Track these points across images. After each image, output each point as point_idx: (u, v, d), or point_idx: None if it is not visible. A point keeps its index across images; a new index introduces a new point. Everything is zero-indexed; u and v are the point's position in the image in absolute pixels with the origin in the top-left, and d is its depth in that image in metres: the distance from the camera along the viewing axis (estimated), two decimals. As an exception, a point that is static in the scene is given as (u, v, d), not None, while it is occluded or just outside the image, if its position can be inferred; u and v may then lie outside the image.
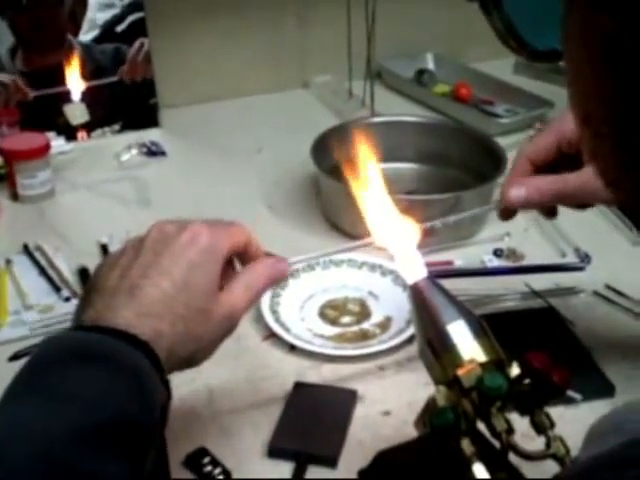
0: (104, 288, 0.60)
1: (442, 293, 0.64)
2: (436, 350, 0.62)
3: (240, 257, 0.66)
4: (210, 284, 0.62)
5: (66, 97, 1.32)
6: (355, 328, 0.90)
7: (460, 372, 0.59)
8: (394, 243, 0.68)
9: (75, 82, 1.32)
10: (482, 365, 0.59)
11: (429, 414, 0.62)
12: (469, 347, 0.60)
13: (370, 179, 0.71)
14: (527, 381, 0.59)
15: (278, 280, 0.68)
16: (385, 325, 0.90)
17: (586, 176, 0.70)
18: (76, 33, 1.34)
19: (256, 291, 0.65)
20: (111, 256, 0.65)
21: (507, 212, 0.76)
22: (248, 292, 0.64)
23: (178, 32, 1.42)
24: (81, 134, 1.34)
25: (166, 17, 1.39)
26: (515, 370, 0.59)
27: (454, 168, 1.16)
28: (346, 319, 0.91)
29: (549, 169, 0.74)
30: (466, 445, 0.57)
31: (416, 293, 0.64)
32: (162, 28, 1.39)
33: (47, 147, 1.16)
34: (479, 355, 0.60)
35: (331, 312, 0.92)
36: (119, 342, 0.56)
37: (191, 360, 0.62)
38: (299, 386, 0.81)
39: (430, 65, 1.56)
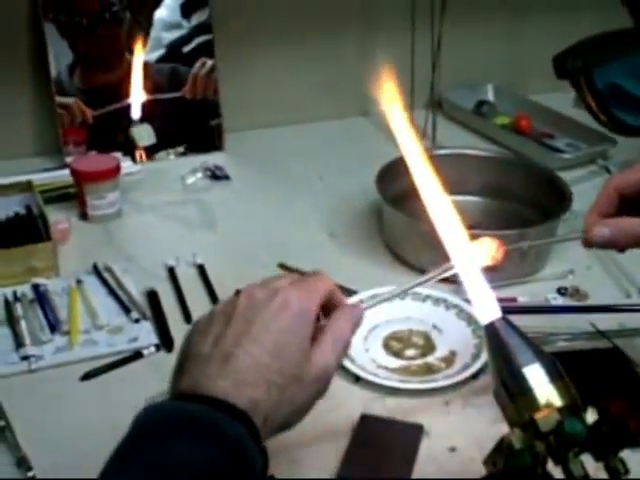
0: (198, 355, 0.61)
1: (518, 334, 0.64)
2: (511, 392, 0.62)
3: (325, 310, 0.67)
4: (302, 350, 0.62)
5: (127, 116, 1.34)
6: (420, 361, 0.91)
7: (537, 416, 0.59)
8: (470, 275, 0.67)
9: (136, 99, 1.34)
10: (559, 410, 0.60)
11: (502, 454, 0.62)
12: (545, 390, 0.61)
13: (440, 210, 0.71)
14: (604, 428, 0.59)
15: (358, 327, 0.68)
16: (450, 360, 0.90)
17: None
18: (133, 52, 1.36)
19: (343, 345, 0.65)
20: (201, 322, 0.65)
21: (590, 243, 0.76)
22: (336, 348, 0.64)
23: (244, 57, 1.45)
24: (142, 155, 1.37)
25: (233, 41, 1.42)
26: (593, 416, 0.59)
27: (517, 202, 1.17)
28: (410, 352, 0.92)
29: (635, 206, 0.74)
30: (542, 489, 0.58)
31: (491, 334, 0.65)
32: (229, 52, 1.42)
33: (117, 169, 1.19)
34: (555, 399, 0.60)
35: (395, 344, 0.93)
36: (219, 413, 0.56)
37: (285, 424, 0.63)
38: (366, 419, 0.81)
39: (490, 96, 1.57)
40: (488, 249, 0.67)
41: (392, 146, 1.44)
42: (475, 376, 0.87)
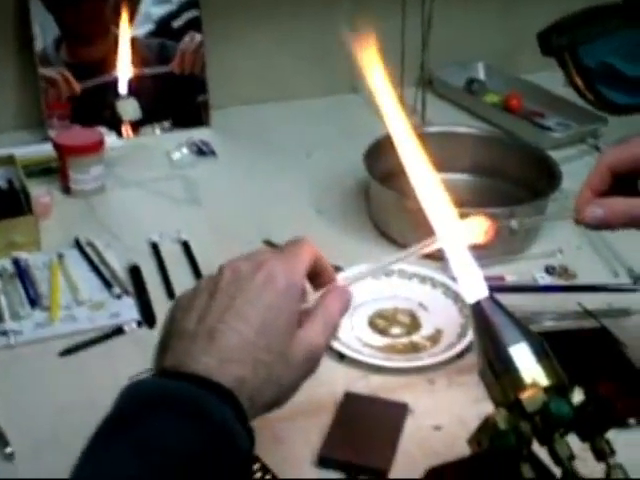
0: (182, 332, 0.59)
1: (504, 313, 0.63)
2: (497, 371, 0.61)
3: (310, 276, 0.65)
4: (289, 326, 0.60)
5: (113, 90, 1.33)
6: (405, 340, 0.90)
7: (523, 396, 0.58)
8: (456, 251, 0.66)
9: (122, 74, 1.32)
10: (545, 389, 0.59)
11: (486, 434, 0.61)
12: (531, 370, 0.60)
13: (427, 187, 0.69)
14: (590, 408, 0.58)
15: (348, 309, 0.66)
16: (435, 338, 0.89)
17: None
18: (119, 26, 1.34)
19: (333, 327, 0.63)
20: (184, 297, 0.62)
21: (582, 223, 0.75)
22: (326, 330, 0.62)
23: (231, 32, 1.43)
24: (127, 129, 1.35)
25: (220, 16, 1.40)
26: (579, 396, 0.58)
27: (507, 181, 1.16)
28: (396, 330, 0.91)
29: (628, 183, 0.73)
30: (526, 470, 0.57)
31: (478, 313, 0.63)
32: (216, 27, 1.39)
33: (101, 143, 1.17)
34: (541, 378, 0.59)
35: (381, 322, 0.92)
36: (202, 391, 0.55)
37: (273, 404, 0.61)
38: (350, 396, 0.80)
39: (481, 74, 1.55)
40: (477, 227, 0.66)
41: (381, 123, 1.43)
42: (460, 355, 0.86)
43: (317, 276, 0.66)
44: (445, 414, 0.80)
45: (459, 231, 0.65)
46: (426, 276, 0.96)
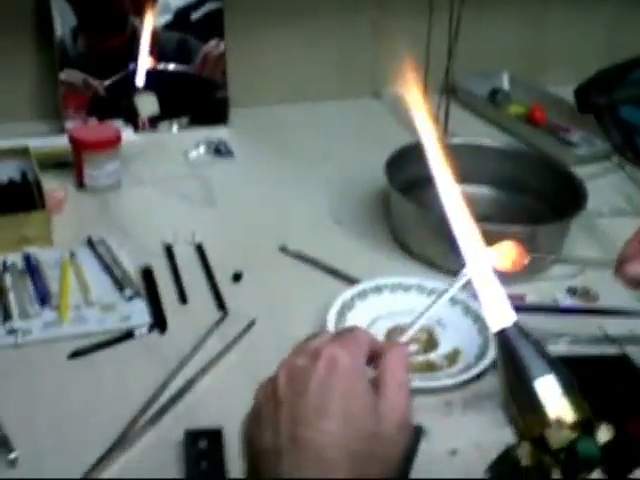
0: (264, 452, 0.55)
1: (531, 343, 0.61)
2: (521, 405, 0.59)
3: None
4: (369, 404, 0.56)
5: (129, 83, 1.29)
6: (421, 358, 0.87)
7: (548, 432, 0.56)
8: (483, 277, 0.64)
9: (141, 67, 1.29)
10: (571, 426, 0.56)
11: (506, 466, 0.59)
12: (557, 405, 0.57)
13: (453, 203, 0.67)
14: (618, 447, 0.56)
15: (409, 364, 0.62)
16: (453, 358, 0.87)
17: None
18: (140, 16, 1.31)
19: (406, 385, 0.59)
20: (250, 416, 0.58)
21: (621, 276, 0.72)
22: (402, 390, 0.58)
23: (255, 30, 1.41)
24: (143, 124, 1.33)
25: (245, 14, 1.38)
26: (606, 435, 0.56)
27: (529, 196, 1.13)
28: (412, 347, 0.89)
29: None
30: (548, 506, 0.55)
31: (502, 342, 0.61)
32: (239, 25, 1.38)
33: (118, 139, 1.15)
34: (568, 414, 0.57)
35: (398, 337, 0.89)
36: None
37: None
38: (363, 416, 0.78)
39: (505, 85, 1.53)
40: (508, 254, 0.64)
41: (403, 131, 1.42)
42: (478, 377, 0.84)
43: (375, 358, 0.61)
44: (461, 438, 0.77)
45: (487, 256, 0.63)
46: (445, 292, 0.94)
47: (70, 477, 0.71)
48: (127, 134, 1.24)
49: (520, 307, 0.94)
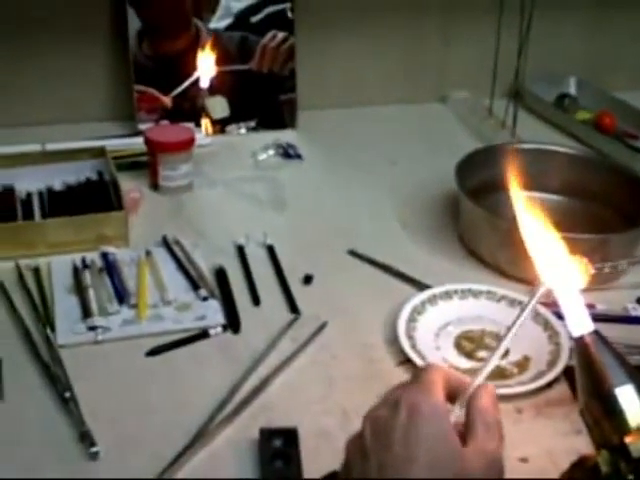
0: None
1: (611, 351, 0.61)
2: (601, 412, 0.59)
3: (447, 396, 0.62)
4: (455, 447, 0.57)
5: (199, 86, 1.30)
6: (491, 364, 0.88)
7: (629, 440, 0.57)
8: (563, 288, 0.64)
9: (205, 69, 1.30)
10: (652, 435, 0.57)
11: (581, 473, 0.60)
12: (638, 414, 0.58)
13: (526, 211, 0.68)
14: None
15: (498, 404, 0.63)
16: (523, 365, 0.87)
17: None
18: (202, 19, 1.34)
19: (496, 425, 0.60)
20: (342, 468, 0.60)
21: None
22: (491, 431, 0.59)
23: (323, 34, 1.42)
24: (214, 127, 1.34)
25: (315, 17, 1.39)
26: (688, 444, 0.56)
27: (598, 204, 1.13)
28: (482, 353, 0.89)
29: None
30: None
31: (581, 348, 0.62)
32: (309, 27, 1.39)
33: (192, 141, 1.17)
34: (647, 423, 0.58)
35: (467, 344, 0.90)
36: None
37: None
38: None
39: (572, 90, 1.52)
40: (583, 269, 0.64)
41: (468, 136, 1.42)
42: (549, 385, 0.84)
43: (454, 393, 0.62)
44: (532, 446, 0.78)
45: (568, 271, 0.64)
46: (515, 299, 0.95)
47: (151, 470, 0.73)
48: (198, 136, 1.26)
49: (593, 316, 0.94)
